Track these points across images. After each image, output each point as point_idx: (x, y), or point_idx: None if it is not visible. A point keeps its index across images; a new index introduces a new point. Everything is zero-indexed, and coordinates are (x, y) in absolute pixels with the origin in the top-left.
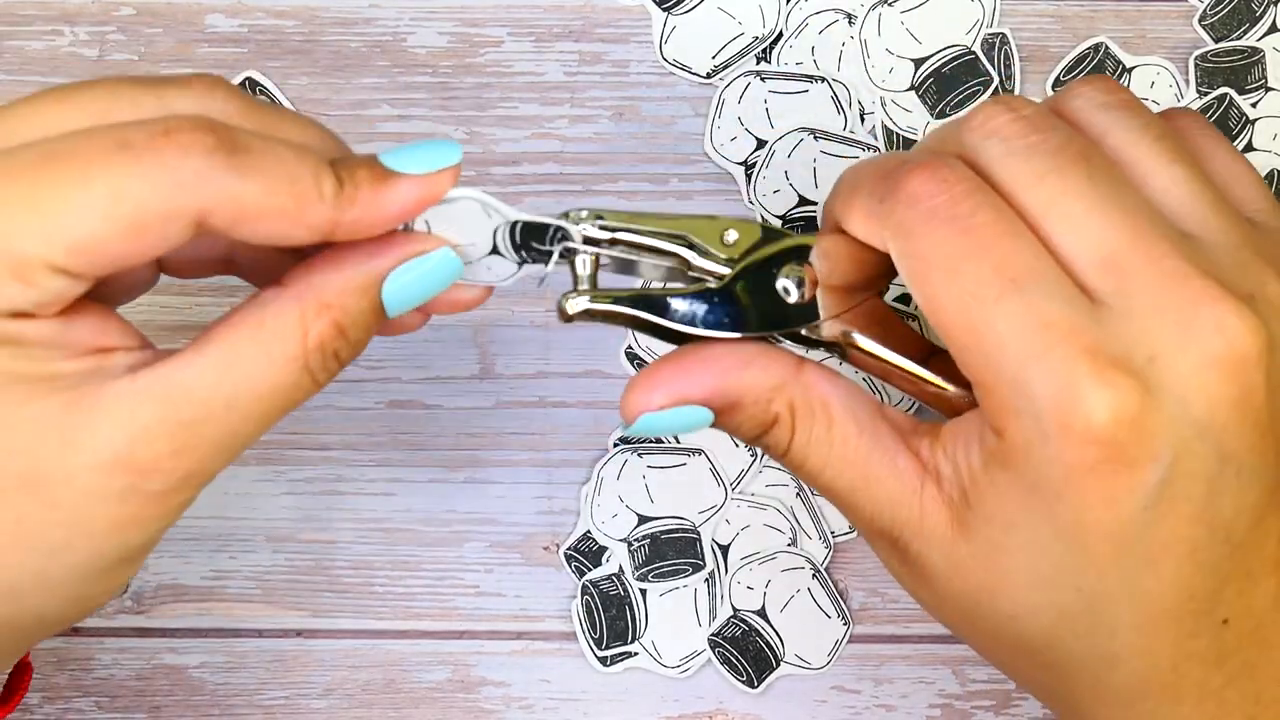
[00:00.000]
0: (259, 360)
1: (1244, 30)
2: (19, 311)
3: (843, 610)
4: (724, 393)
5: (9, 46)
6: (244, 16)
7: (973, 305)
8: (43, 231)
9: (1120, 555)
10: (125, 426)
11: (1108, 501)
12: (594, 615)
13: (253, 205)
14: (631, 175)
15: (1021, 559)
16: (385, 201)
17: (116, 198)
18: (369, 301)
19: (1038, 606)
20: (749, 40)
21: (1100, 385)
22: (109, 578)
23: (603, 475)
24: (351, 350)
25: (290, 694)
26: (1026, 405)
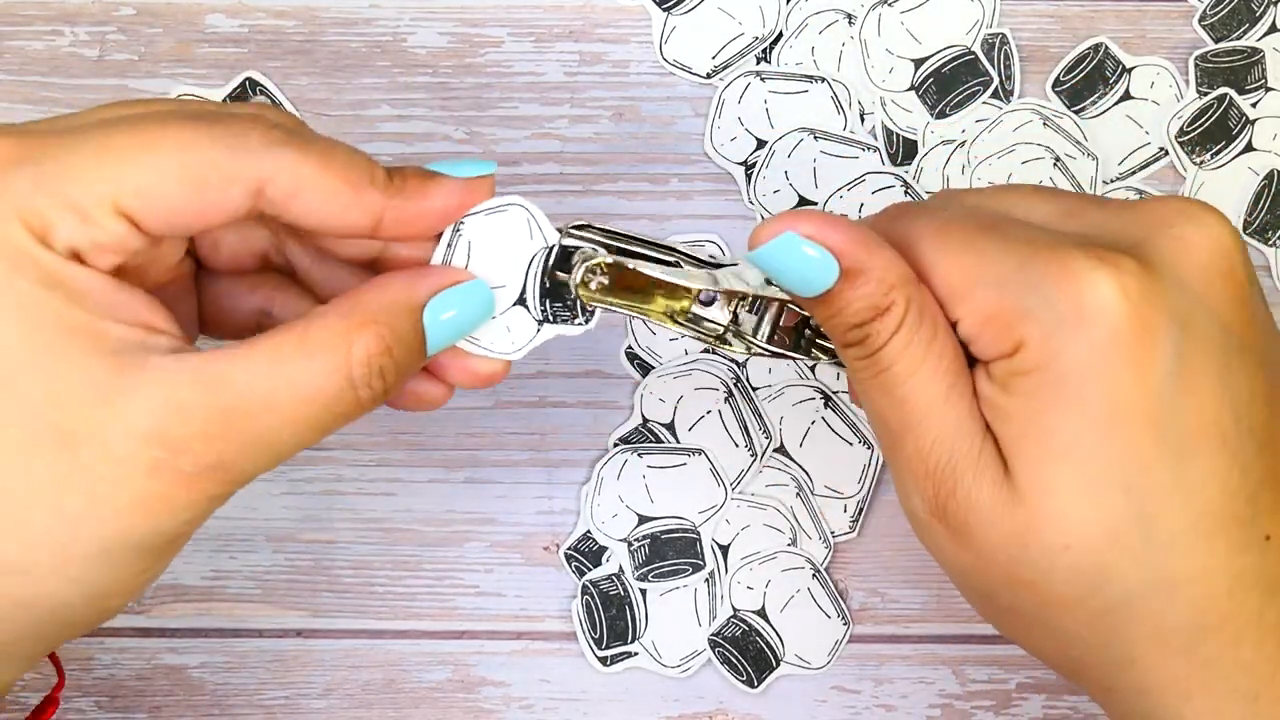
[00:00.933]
0: (302, 365)
1: (1244, 30)
2: (76, 252)
3: (843, 610)
4: (861, 255)
5: (9, 46)
6: (244, 17)
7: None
8: (106, 173)
9: (1159, 440)
10: (164, 400)
11: (1135, 373)
12: (594, 615)
13: (309, 180)
14: (631, 175)
15: (1065, 468)
16: (432, 195)
17: (184, 151)
18: (412, 324)
19: (1088, 524)
20: (749, 40)
21: (1098, 265)
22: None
23: (603, 475)
24: (396, 372)
25: (290, 694)
26: (1037, 301)
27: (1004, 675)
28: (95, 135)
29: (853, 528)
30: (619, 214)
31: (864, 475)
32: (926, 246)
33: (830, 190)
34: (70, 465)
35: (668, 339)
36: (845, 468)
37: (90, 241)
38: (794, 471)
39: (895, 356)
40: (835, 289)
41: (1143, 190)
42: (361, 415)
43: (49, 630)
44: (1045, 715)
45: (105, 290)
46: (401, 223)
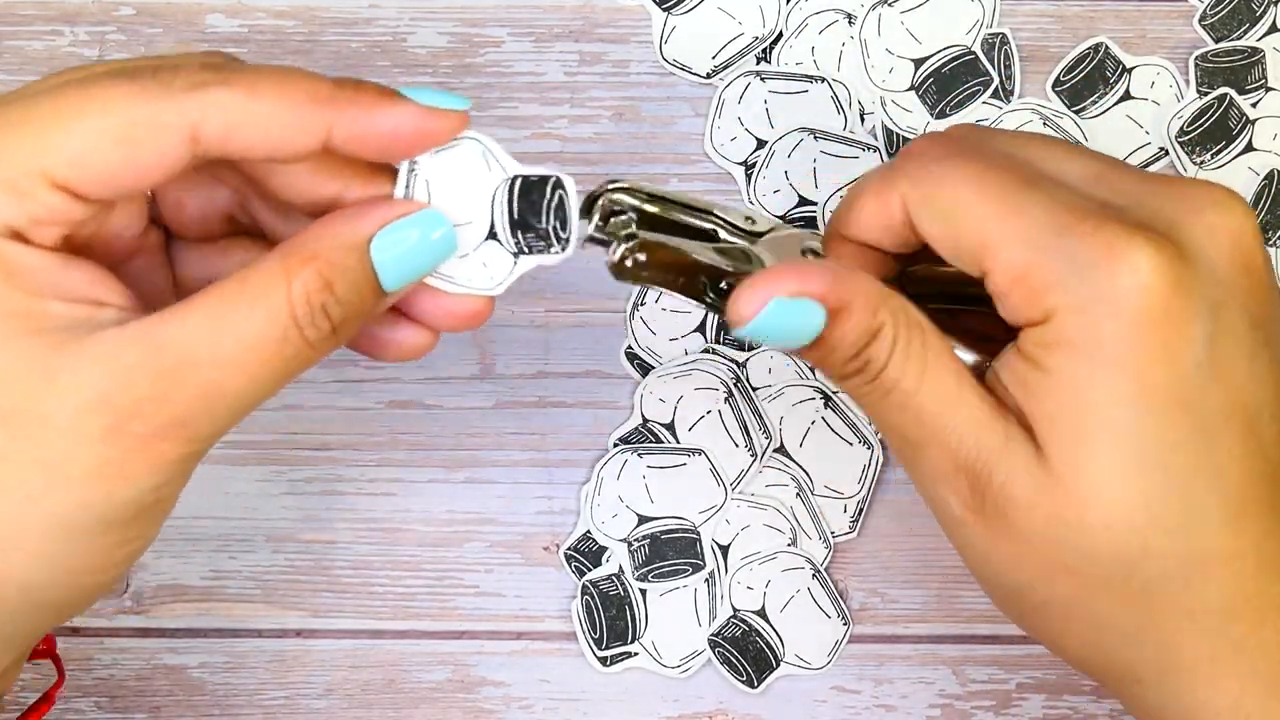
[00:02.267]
0: (243, 312)
1: (1244, 30)
2: (15, 230)
3: (843, 610)
4: (840, 292)
5: (9, 46)
6: (244, 17)
7: (1003, 206)
8: (36, 144)
9: (1189, 422)
10: (108, 367)
11: (1168, 355)
12: (594, 615)
13: (241, 110)
14: (631, 175)
15: (1102, 446)
16: (385, 114)
17: (108, 110)
18: (357, 260)
19: (1129, 503)
20: (749, 40)
21: (1137, 242)
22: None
23: (603, 475)
24: (342, 311)
25: (290, 694)
26: (1073, 271)
27: (1004, 675)
28: (19, 108)
29: (853, 528)
30: None
31: (864, 475)
32: (964, 190)
33: (830, 190)
34: (19, 442)
35: (668, 339)
36: (845, 468)
37: (28, 217)
38: (794, 471)
39: (899, 373)
40: (825, 331)
41: None
42: (320, 356)
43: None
44: (1045, 715)
45: (46, 268)
46: (351, 139)
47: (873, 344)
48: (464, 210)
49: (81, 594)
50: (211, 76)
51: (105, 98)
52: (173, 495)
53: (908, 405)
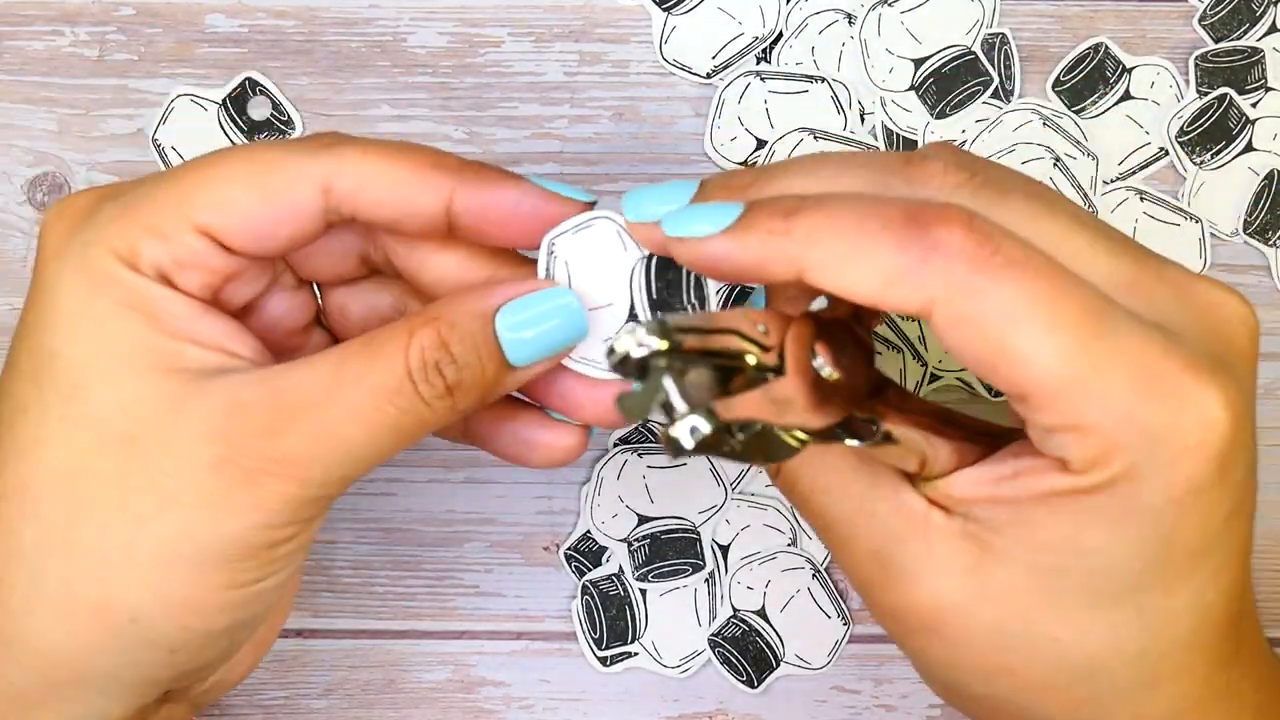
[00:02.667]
0: (364, 362)
1: (1244, 30)
2: (162, 273)
3: (843, 610)
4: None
5: (9, 46)
6: (244, 16)
7: (1075, 348)
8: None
9: (1195, 570)
10: (226, 400)
11: (1203, 517)
12: (594, 615)
13: (374, 168)
14: (631, 175)
15: (1082, 580)
16: (505, 188)
17: (249, 161)
18: (479, 326)
19: (1090, 628)
20: (749, 40)
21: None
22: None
23: (603, 475)
24: (457, 374)
25: (290, 694)
26: (1139, 439)
27: None
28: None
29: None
30: None
31: None
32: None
33: None
34: (135, 465)
35: None
36: None
37: (173, 260)
38: None
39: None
40: None
41: (1144, 190)
42: (439, 421)
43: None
44: None
45: (187, 313)
46: (472, 212)
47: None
48: (603, 293)
49: (190, 636)
50: (348, 139)
51: (247, 153)
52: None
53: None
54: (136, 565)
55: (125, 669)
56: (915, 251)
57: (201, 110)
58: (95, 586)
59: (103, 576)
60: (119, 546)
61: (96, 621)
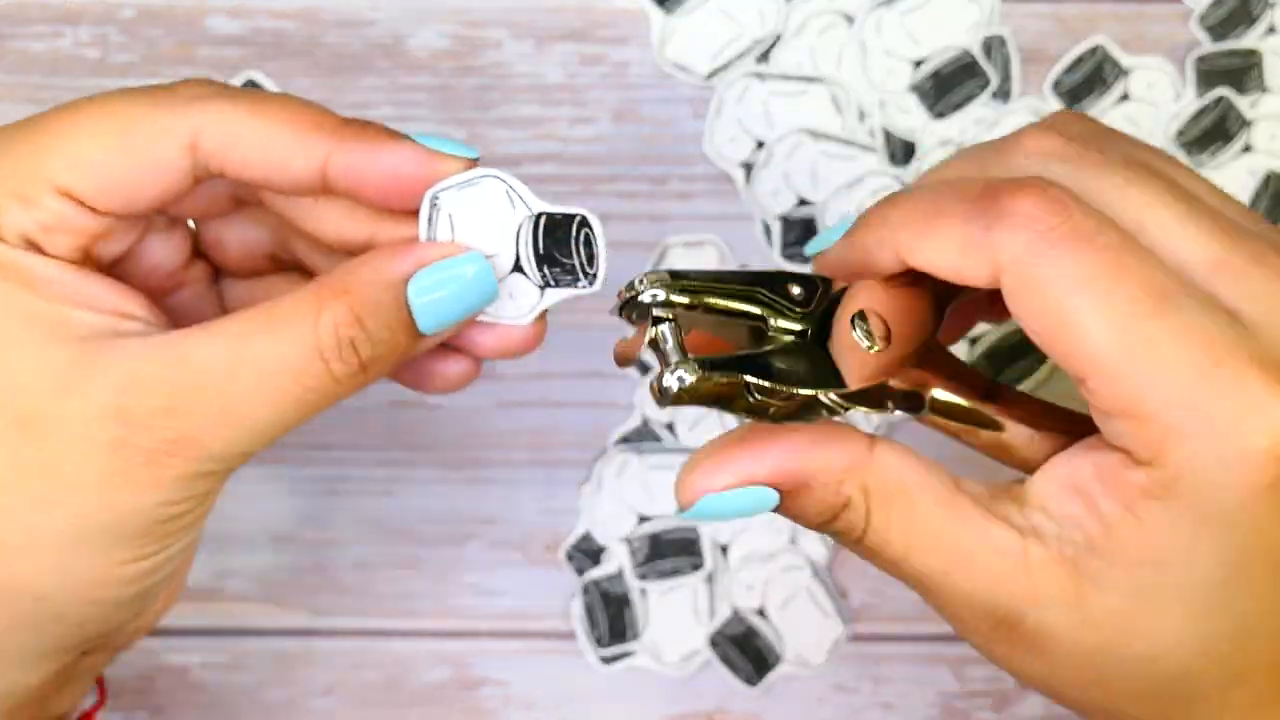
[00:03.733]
0: (267, 337)
1: (1242, 32)
2: (29, 239)
3: (842, 609)
4: (793, 473)
5: (11, 47)
6: (245, 18)
7: (1129, 326)
8: (39, 152)
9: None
10: (122, 376)
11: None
12: (594, 615)
13: (242, 126)
14: (631, 176)
15: (1176, 594)
16: (385, 151)
17: (109, 115)
18: (391, 298)
19: (1184, 640)
20: (749, 42)
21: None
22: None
23: (603, 475)
24: (372, 349)
25: (291, 694)
26: (1198, 427)
27: (1004, 675)
28: (29, 123)
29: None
30: (619, 214)
31: None
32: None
33: (829, 191)
34: (32, 449)
35: None
36: None
37: (37, 224)
38: None
39: (881, 540)
40: (784, 506)
41: None
42: (347, 392)
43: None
44: (1045, 715)
45: (67, 278)
46: (350, 174)
47: (839, 518)
48: (488, 244)
49: (97, 609)
50: (217, 91)
51: (105, 106)
52: (186, 516)
53: (901, 568)
54: (37, 548)
55: (35, 642)
56: (984, 221)
57: None
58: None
59: (4, 560)
60: (19, 530)
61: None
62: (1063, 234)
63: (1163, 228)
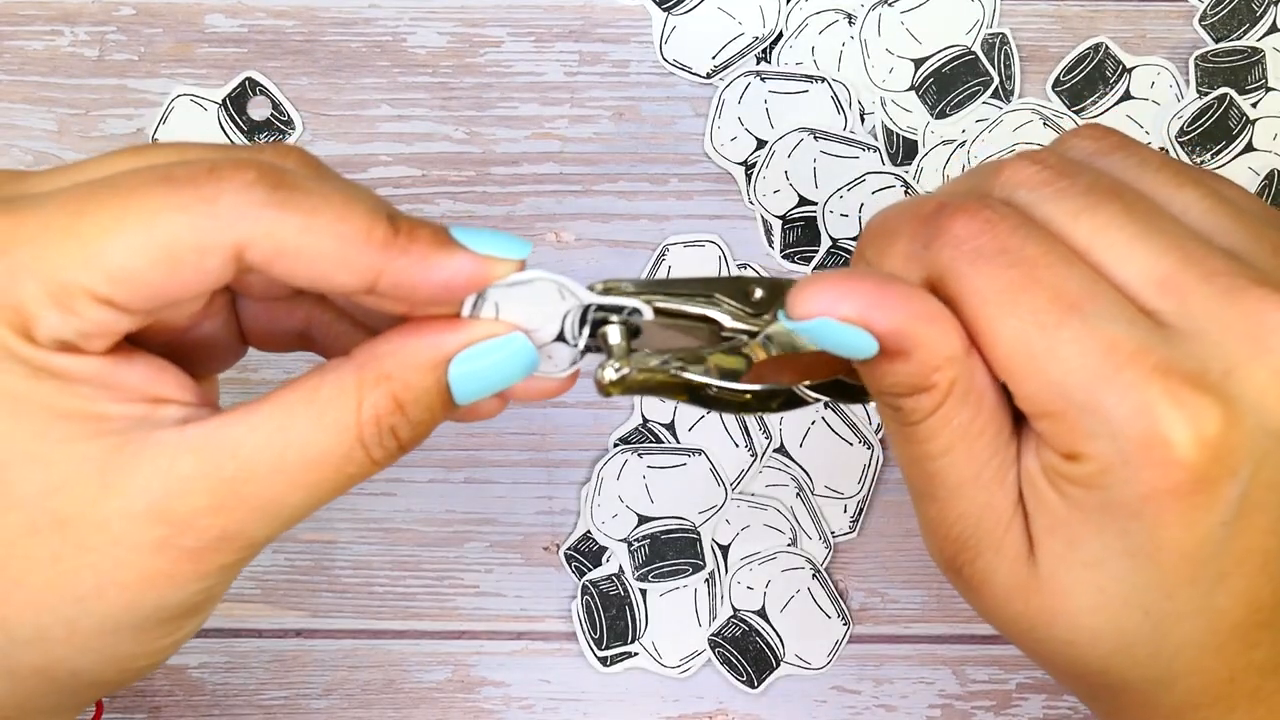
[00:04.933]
0: (310, 425)
1: (1244, 30)
2: (64, 342)
3: (843, 610)
4: (906, 336)
5: (9, 46)
6: (244, 16)
7: (1034, 334)
8: (81, 259)
9: (1194, 573)
10: (164, 477)
11: (1187, 522)
12: (594, 615)
13: (291, 242)
14: (631, 175)
15: (1087, 580)
16: (438, 263)
17: (150, 226)
18: (433, 381)
19: (1099, 632)
20: (749, 40)
21: (1177, 405)
22: (145, 637)
23: (603, 475)
24: (411, 431)
25: (290, 694)
26: (1101, 428)
27: (1004, 675)
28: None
29: (853, 528)
30: (619, 214)
31: (864, 475)
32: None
33: (830, 190)
34: (71, 547)
35: None
36: (845, 468)
37: (75, 332)
38: (794, 471)
39: (930, 434)
40: (874, 361)
41: None
42: (380, 469)
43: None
44: (1045, 715)
45: (101, 372)
46: (400, 288)
47: (917, 396)
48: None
49: (131, 676)
50: (266, 195)
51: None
52: (221, 592)
53: (926, 464)
54: (78, 636)
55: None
56: (923, 239)
57: (201, 110)
58: (37, 657)
59: (45, 649)
60: (59, 623)
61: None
62: (983, 251)
63: (1111, 248)
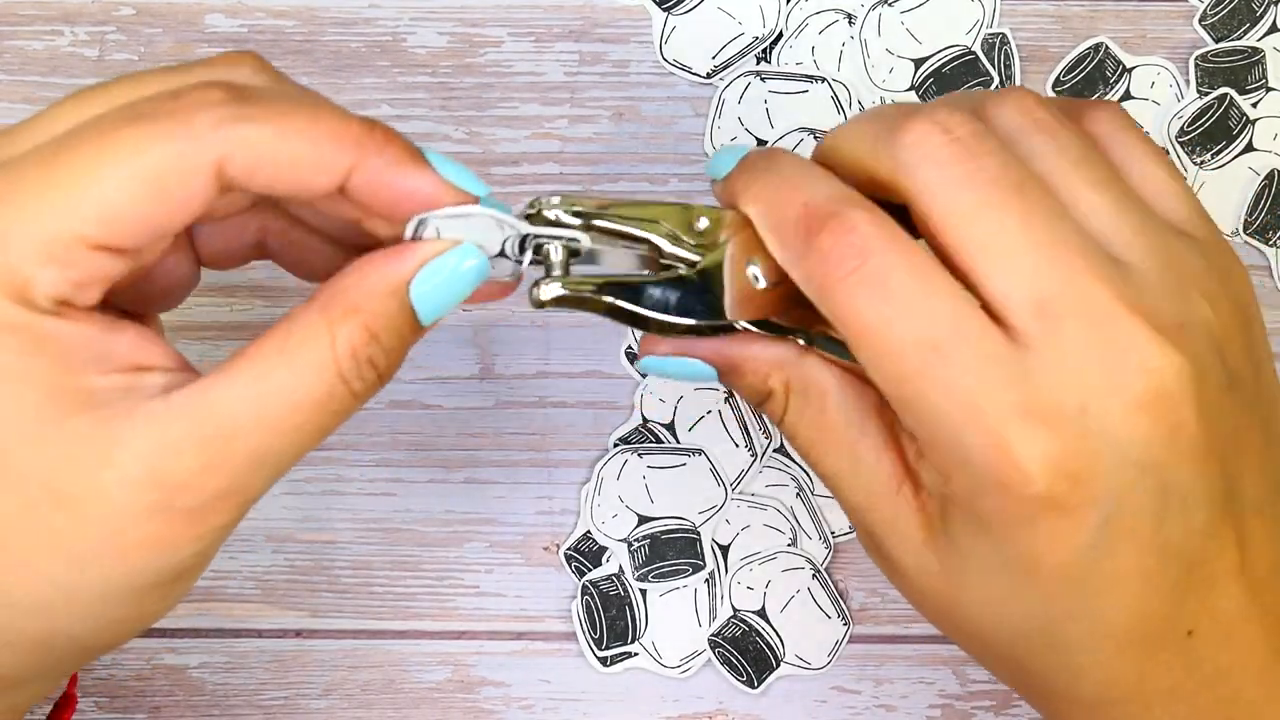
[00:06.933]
0: (287, 371)
1: (1244, 30)
2: (61, 300)
3: (843, 610)
4: (726, 357)
5: (9, 46)
6: (244, 16)
7: (902, 379)
8: (67, 208)
9: (1070, 587)
10: (155, 442)
11: (1052, 543)
12: (594, 615)
13: (269, 148)
14: (631, 175)
15: (978, 583)
16: (406, 172)
17: (135, 161)
18: (398, 305)
19: (996, 624)
20: (749, 40)
21: (1032, 442)
22: (142, 601)
23: (603, 475)
24: (387, 358)
25: (290, 694)
26: (963, 464)
27: None
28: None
29: (853, 528)
30: None
31: None
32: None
33: None
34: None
35: None
36: None
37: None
38: (794, 471)
39: (792, 433)
40: (723, 380)
41: None
42: (364, 403)
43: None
44: None
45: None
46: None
47: (764, 404)
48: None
49: (120, 639)
50: (236, 111)
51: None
52: (214, 552)
53: (806, 456)
54: (78, 603)
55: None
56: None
57: None
58: (39, 628)
59: (46, 620)
60: (60, 594)
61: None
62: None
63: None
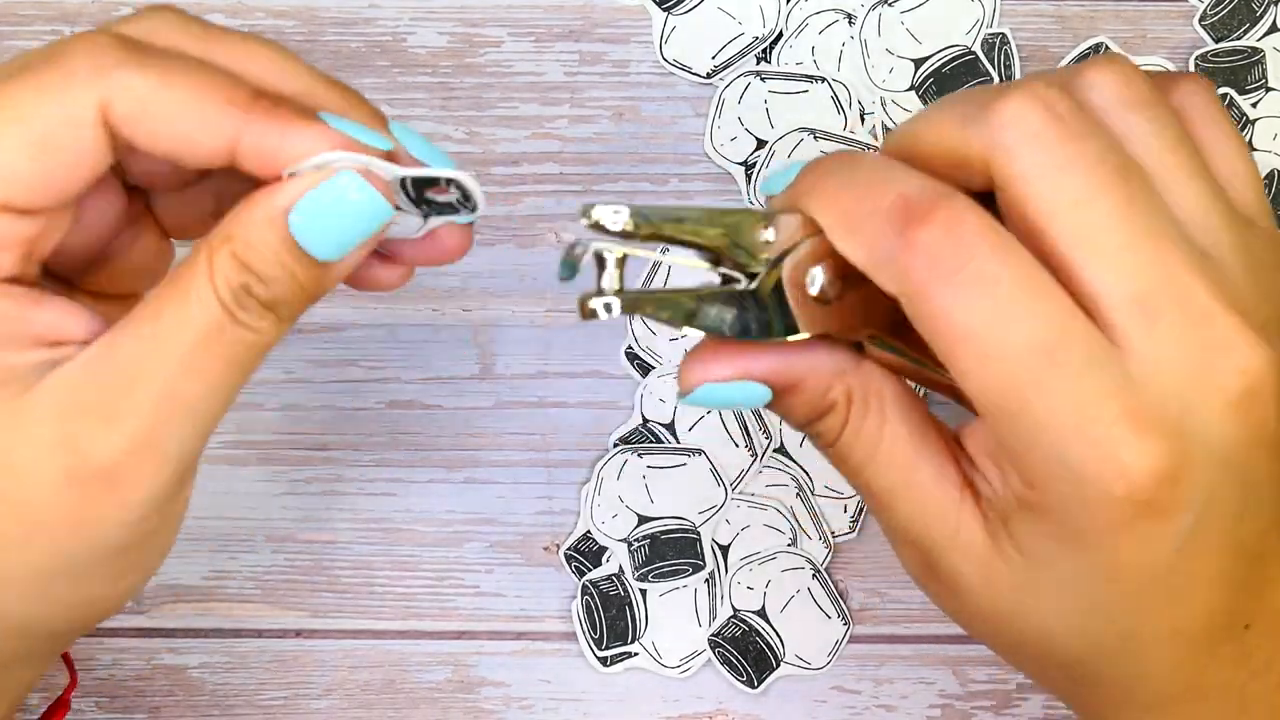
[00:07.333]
0: (176, 308)
1: (1244, 30)
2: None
3: (843, 610)
4: (787, 372)
5: (9, 46)
6: (244, 16)
7: (1009, 387)
8: None
9: (1152, 592)
10: (64, 403)
11: (1142, 549)
12: (594, 615)
13: (151, 96)
14: (631, 175)
15: (1054, 592)
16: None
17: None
18: (274, 234)
19: (1073, 632)
20: (749, 40)
21: (1141, 451)
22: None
23: (603, 475)
24: (269, 289)
25: (290, 694)
26: (1064, 473)
27: (1004, 675)
28: None
29: (853, 528)
30: None
31: None
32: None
33: None
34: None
35: (668, 339)
36: None
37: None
38: (794, 471)
39: (849, 449)
40: (777, 403)
41: None
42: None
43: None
44: (1045, 715)
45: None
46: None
47: (821, 420)
48: None
49: (87, 621)
50: (120, 57)
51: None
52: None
53: (858, 479)
54: (17, 585)
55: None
56: (890, 245)
57: None
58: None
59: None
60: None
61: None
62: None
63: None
